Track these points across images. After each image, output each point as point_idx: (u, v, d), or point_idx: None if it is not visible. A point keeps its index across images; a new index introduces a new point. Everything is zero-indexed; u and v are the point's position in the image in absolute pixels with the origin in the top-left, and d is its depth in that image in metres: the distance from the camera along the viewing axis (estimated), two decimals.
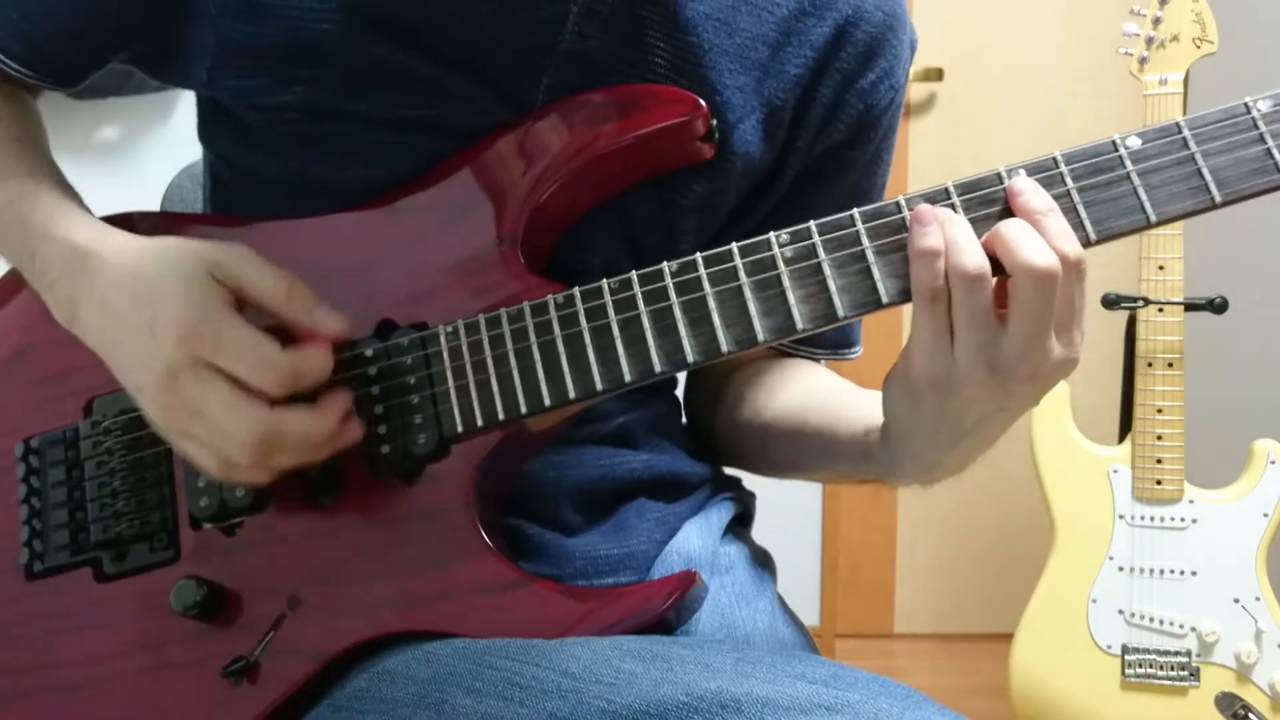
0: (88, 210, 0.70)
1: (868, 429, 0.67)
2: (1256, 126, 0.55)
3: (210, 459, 0.61)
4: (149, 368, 0.60)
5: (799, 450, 0.75)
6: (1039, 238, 0.54)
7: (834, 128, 0.73)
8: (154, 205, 1.00)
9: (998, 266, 0.55)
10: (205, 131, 0.75)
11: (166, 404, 0.60)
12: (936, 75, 2.20)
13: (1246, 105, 0.56)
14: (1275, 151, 0.55)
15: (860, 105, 0.73)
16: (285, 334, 0.61)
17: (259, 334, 0.59)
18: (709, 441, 0.85)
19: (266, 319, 0.61)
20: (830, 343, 0.82)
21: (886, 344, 0.61)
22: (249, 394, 0.59)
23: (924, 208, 0.56)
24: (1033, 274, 0.53)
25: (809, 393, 0.76)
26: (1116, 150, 0.56)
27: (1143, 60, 1.56)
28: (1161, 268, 1.55)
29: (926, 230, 0.55)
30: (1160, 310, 1.55)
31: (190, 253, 0.62)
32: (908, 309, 0.57)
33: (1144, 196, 0.56)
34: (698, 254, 0.60)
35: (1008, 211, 0.56)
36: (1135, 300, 1.55)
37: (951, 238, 0.55)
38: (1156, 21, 1.55)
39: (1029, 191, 0.55)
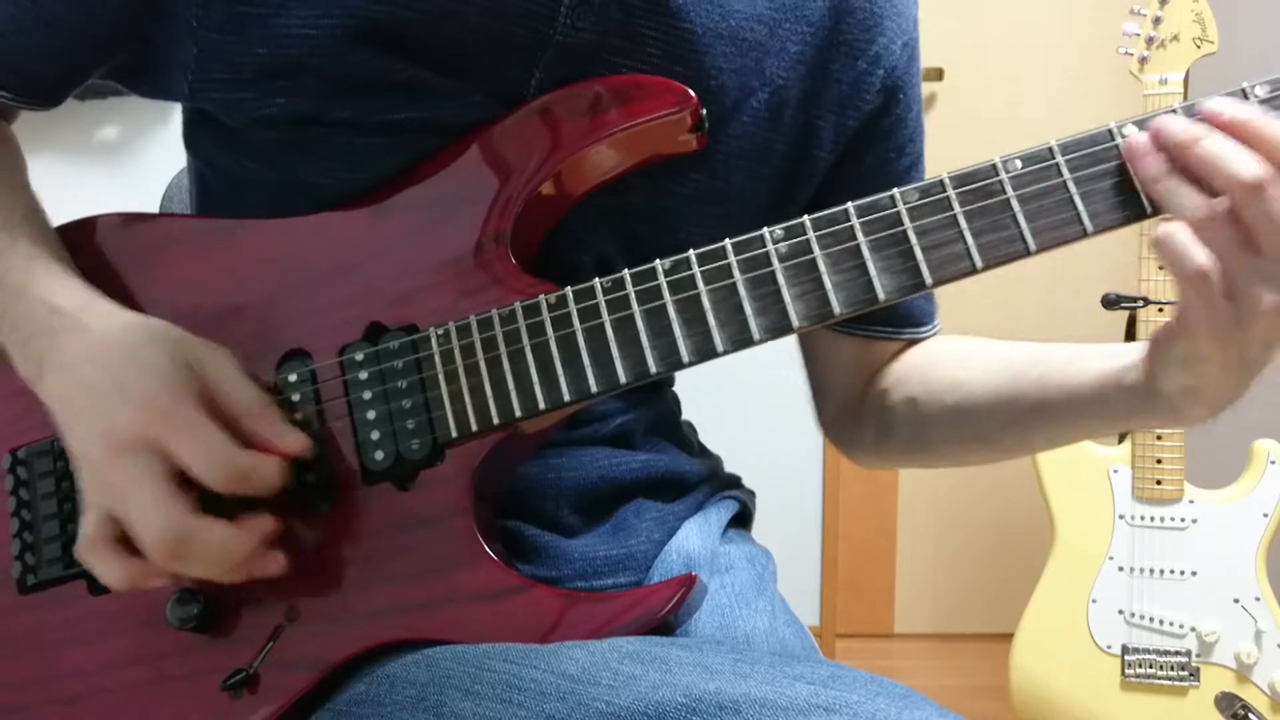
0: (68, 265, 0.68)
1: (1119, 388, 0.64)
2: None
3: (132, 532, 0.60)
4: (98, 437, 0.59)
5: (1029, 429, 0.72)
6: (1237, 148, 0.52)
7: (861, 100, 0.72)
8: (154, 205, 1.00)
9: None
10: (191, 139, 0.74)
11: (101, 479, 0.59)
12: (936, 75, 2.20)
13: (1245, 91, 0.55)
14: None
15: (880, 71, 0.72)
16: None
17: (219, 432, 0.59)
18: (887, 452, 0.83)
19: (227, 424, 0.60)
20: (929, 311, 0.82)
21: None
22: (177, 495, 0.58)
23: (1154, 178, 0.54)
24: (1251, 187, 0.51)
25: (1015, 371, 0.72)
26: (1114, 139, 0.55)
27: (1143, 60, 1.56)
28: (1161, 267, 1.55)
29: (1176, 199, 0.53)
30: (1160, 310, 1.55)
31: (173, 339, 0.61)
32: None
33: (1140, 186, 0.55)
34: (691, 252, 0.59)
35: (1005, 204, 0.56)
36: (1135, 300, 1.55)
37: (1208, 157, 0.52)
38: (1156, 21, 1.55)
39: (1211, 106, 0.53)
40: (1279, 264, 0.52)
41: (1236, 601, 1.56)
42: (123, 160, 2.03)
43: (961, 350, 0.79)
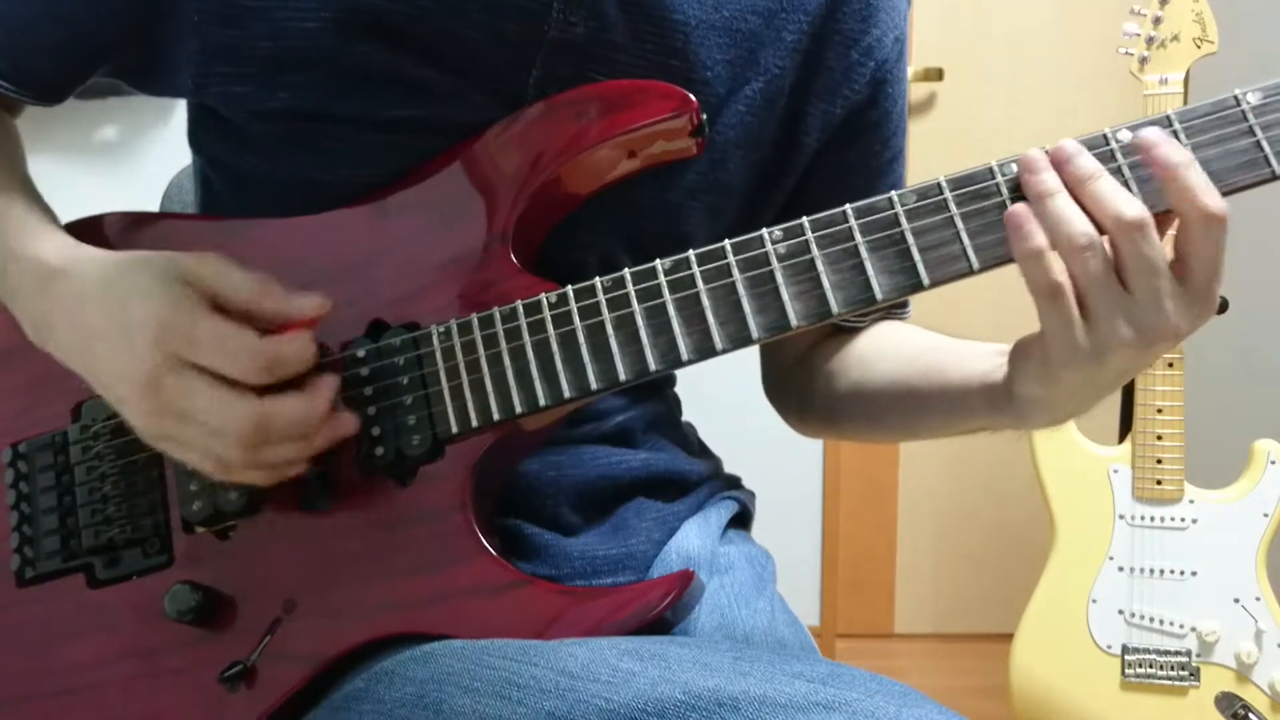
0: (59, 227, 0.69)
1: (983, 386, 0.66)
2: (1246, 119, 0.55)
3: (204, 461, 0.60)
4: (127, 376, 0.59)
5: (914, 418, 0.74)
6: (1122, 190, 0.54)
7: (849, 89, 0.73)
8: (154, 205, 1.00)
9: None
10: (195, 136, 0.74)
11: (150, 410, 0.59)
12: (936, 75, 2.20)
13: (1236, 98, 0.55)
14: (1265, 144, 0.54)
15: (871, 63, 0.73)
16: (265, 332, 0.60)
17: (233, 325, 0.59)
18: (808, 420, 0.86)
19: (243, 319, 0.60)
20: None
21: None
22: (234, 386, 0.58)
23: (1017, 209, 0.55)
24: (1130, 225, 0.53)
25: (909, 358, 0.75)
26: (1108, 143, 0.56)
27: (1143, 60, 1.56)
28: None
29: (1024, 231, 0.54)
30: None
31: (158, 260, 0.61)
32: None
33: (1135, 190, 0.55)
34: (691, 252, 0.60)
35: (1001, 205, 0.56)
36: None
37: (1055, 212, 0.54)
38: (1157, 21, 1.55)
39: (1164, 143, 0.54)
40: (1142, 301, 0.53)
41: (1237, 601, 1.56)
42: (122, 160, 2.03)
43: (880, 332, 0.81)
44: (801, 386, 0.84)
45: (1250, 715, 1.54)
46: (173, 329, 0.58)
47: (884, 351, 0.78)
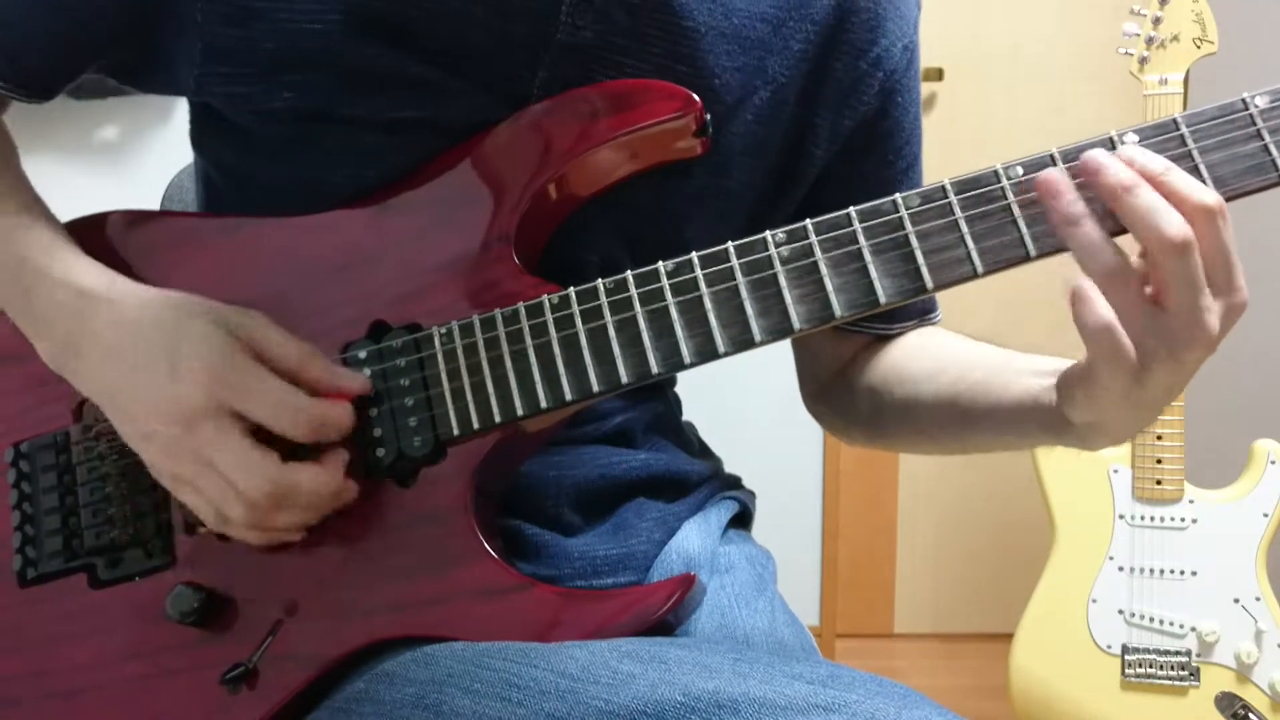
0: (83, 251, 0.68)
1: (1036, 408, 0.64)
2: (1254, 123, 0.55)
3: (208, 509, 0.61)
4: (164, 412, 0.60)
5: (966, 436, 0.73)
6: (1167, 204, 0.52)
7: (858, 101, 0.72)
8: (154, 205, 1.00)
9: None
10: (197, 137, 0.74)
11: (175, 450, 0.60)
12: (936, 75, 2.20)
13: (1244, 101, 0.55)
14: (1273, 149, 0.54)
15: (880, 73, 0.72)
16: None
17: (286, 384, 0.60)
18: (853, 434, 0.85)
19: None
20: (918, 310, 0.81)
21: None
22: (264, 449, 0.59)
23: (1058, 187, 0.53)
24: (1173, 247, 0.51)
25: (955, 376, 0.73)
26: (1114, 148, 0.55)
27: (1143, 60, 1.56)
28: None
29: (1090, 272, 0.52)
30: None
31: (209, 306, 0.62)
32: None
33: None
34: (694, 254, 0.59)
35: (1006, 209, 0.56)
36: None
37: (1144, 205, 0.51)
38: (1156, 21, 1.55)
39: (1140, 156, 0.53)
40: (1180, 320, 0.52)
41: (1236, 601, 1.56)
42: (123, 160, 2.03)
43: (920, 344, 0.80)
44: (842, 401, 0.83)
45: (1250, 715, 1.54)
46: (225, 377, 0.59)
47: (928, 369, 0.76)
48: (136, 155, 2.03)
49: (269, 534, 0.62)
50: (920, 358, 0.78)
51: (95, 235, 0.70)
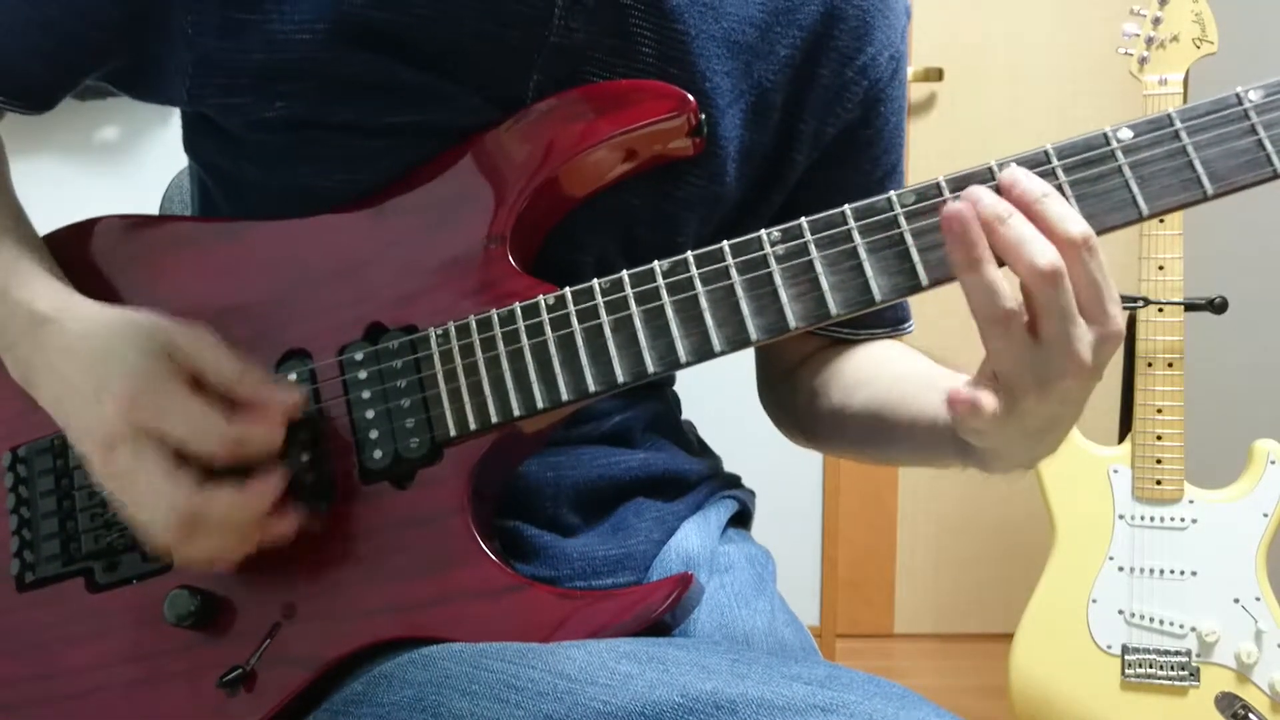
0: (52, 266, 0.69)
1: (947, 427, 0.64)
2: (1248, 117, 0.54)
3: (143, 534, 0.61)
4: (91, 435, 0.60)
5: (887, 449, 0.74)
6: (1038, 234, 0.52)
7: (842, 108, 0.72)
8: (154, 205, 1.00)
9: None
10: (191, 143, 0.74)
11: (104, 473, 0.60)
12: (936, 75, 2.20)
13: (1238, 96, 0.55)
14: (1267, 143, 0.54)
15: (865, 82, 0.72)
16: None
17: (206, 404, 0.59)
18: (792, 433, 0.86)
19: (218, 400, 0.60)
20: (890, 320, 0.81)
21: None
22: (179, 471, 0.58)
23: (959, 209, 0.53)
24: (1042, 275, 0.52)
25: (885, 387, 0.74)
26: (1109, 143, 0.55)
27: (1143, 60, 1.56)
28: (1161, 268, 1.55)
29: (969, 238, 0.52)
30: (1160, 310, 1.55)
31: (148, 328, 0.61)
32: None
33: (1135, 189, 0.55)
34: (689, 253, 0.59)
35: None
36: (1135, 300, 1.55)
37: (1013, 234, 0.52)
38: (1156, 21, 1.55)
39: (1023, 180, 0.54)
40: (1052, 350, 0.53)
41: (1236, 601, 1.56)
42: (122, 160, 2.03)
43: (868, 353, 0.80)
44: (784, 398, 0.84)
45: (1250, 715, 1.54)
46: (142, 401, 0.59)
47: (866, 376, 0.76)
48: (136, 155, 2.03)
49: (202, 561, 0.61)
50: (861, 366, 0.78)
51: (90, 241, 0.70)
